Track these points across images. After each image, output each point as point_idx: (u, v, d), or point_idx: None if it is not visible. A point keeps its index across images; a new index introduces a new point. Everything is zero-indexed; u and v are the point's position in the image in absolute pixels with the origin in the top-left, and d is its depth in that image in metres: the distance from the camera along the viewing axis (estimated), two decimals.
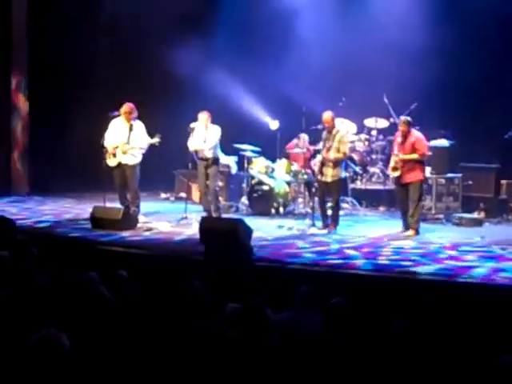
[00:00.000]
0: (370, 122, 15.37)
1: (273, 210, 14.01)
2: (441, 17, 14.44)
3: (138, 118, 12.93)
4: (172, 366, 5.52)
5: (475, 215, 13.46)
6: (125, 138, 12.78)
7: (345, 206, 14.15)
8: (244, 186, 14.84)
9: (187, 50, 15.94)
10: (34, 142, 16.78)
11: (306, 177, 14.02)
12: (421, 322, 6.38)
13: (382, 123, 15.30)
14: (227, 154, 14.31)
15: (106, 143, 12.84)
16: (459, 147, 14.20)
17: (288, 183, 14.38)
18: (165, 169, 16.10)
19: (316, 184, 12.65)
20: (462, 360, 6.01)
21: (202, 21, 16.19)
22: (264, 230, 12.22)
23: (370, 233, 12.18)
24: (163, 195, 16.55)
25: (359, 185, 15.08)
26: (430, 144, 13.15)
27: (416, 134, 12.26)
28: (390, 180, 14.83)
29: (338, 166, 12.26)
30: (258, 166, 14.36)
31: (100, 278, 7.62)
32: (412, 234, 12.08)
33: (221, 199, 13.97)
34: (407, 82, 14.13)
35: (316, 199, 12.76)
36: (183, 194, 15.47)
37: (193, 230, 11.77)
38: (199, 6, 16.42)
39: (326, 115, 12.31)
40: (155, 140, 12.79)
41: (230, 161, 14.86)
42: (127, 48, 16.95)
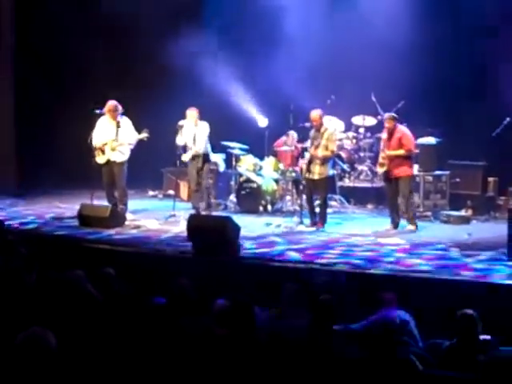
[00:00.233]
0: (357, 120, 15.37)
1: (261, 208, 14.02)
2: (429, 15, 14.45)
3: (125, 115, 12.92)
4: (159, 363, 5.51)
5: (463, 213, 13.48)
6: (113, 134, 12.79)
7: (333, 203, 14.15)
8: (232, 183, 14.84)
9: (175, 47, 15.93)
10: (22, 140, 16.72)
11: (293, 174, 14.03)
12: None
13: (370, 121, 15.30)
14: (215, 151, 14.29)
15: (94, 141, 12.82)
16: (447, 145, 14.22)
17: (276, 181, 14.39)
18: (153, 166, 16.07)
19: (303, 182, 12.65)
20: None
21: (190, 19, 16.13)
22: (252, 227, 12.22)
23: (357, 230, 12.20)
24: (151, 193, 16.52)
25: (347, 182, 15.09)
26: (417, 142, 13.21)
27: (402, 130, 12.29)
28: (377, 177, 14.89)
29: (325, 164, 12.26)
30: (246, 163, 14.37)
31: (87, 276, 7.62)
32: (413, 228, 12.22)
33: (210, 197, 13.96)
34: (395, 80, 14.15)
35: (304, 197, 12.76)
36: (171, 192, 15.48)
37: (181, 228, 11.76)
38: (188, 3, 16.38)
39: (315, 113, 12.31)
40: (143, 135, 12.80)
41: (218, 158, 14.85)
42: (116, 46, 16.90)
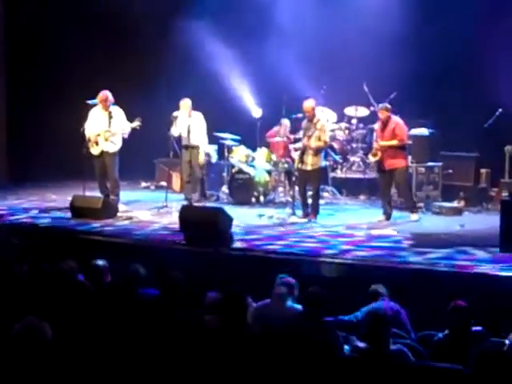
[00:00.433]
0: (350, 111, 15.36)
1: (253, 199, 14.00)
2: (419, 6, 14.44)
3: (117, 105, 12.90)
4: (152, 355, 5.52)
5: (455, 204, 13.49)
6: (105, 125, 12.77)
7: (325, 194, 14.17)
8: (224, 174, 14.82)
9: (167, 38, 15.91)
10: (12, 132, 16.67)
11: (286, 166, 14.03)
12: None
13: (362, 112, 15.30)
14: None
15: (87, 132, 12.80)
16: (439, 136, 14.23)
17: (268, 172, 14.38)
18: (145, 157, 16.05)
19: (296, 173, 12.64)
20: None
21: (183, 10, 16.11)
22: (244, 219, 12.21)
23: (350, 221, 12.22)
24: (143, 184, 16.50)
25: (339, 174, 15.08)
26: (410, 133, 13.20)
27: (396, 121, 12.30)
28: (370, 169, 14.90)
29: (318, 155, 12.25)
30: (239, 154, 14.36)
31: (79, 267, 7.62)
32: (416, 217, 12.33)
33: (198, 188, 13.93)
34: (387, 71, 14.13)
35: (296, 188, 12.75)
36: (163, 183, 15.47)
37: (173, 219, 11.74)
38: None
39: (307, 104, 12.29)
40: (136, 124, 12.78)
41: (210, 149, 14.82)
42: (107, 36, 16.84)
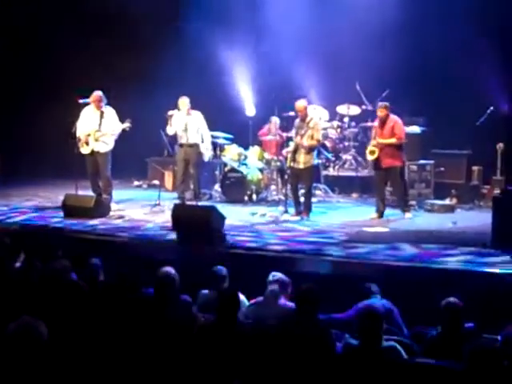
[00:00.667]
0: (342, 109, 15.39)
1: (246, 198, 14.01)
2: (413, 3, 14.45)
3: (109, 104, 12.90)
4: (146, 353, 5.53)
5: (447, 201, 13.53)
6: (96, 125, 12.77)
7: (317, 192, 14.19)
8: (217, 173, 14.83)
9: (160, 36, 15.91)
10: (2, 131, 16.63)
11: (278, 164, 14.04)
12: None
13: (355, 110, 15.33)
14: None
15: (78, 132, 12.80)
16: (431, 134, 14.28)
17: (261, 170, 14.39)
18: (137, 156, 16.05)
19: (288, 171, 12.65)
20: None
21: (179, 10, 16.16)
22: (237, 217, 12.22)
23: (343, 219, 12.26)
24: (136, 183, 16.50)
25: (332, 172, 15.11)
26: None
27: (395, 119, 12.38)
28: (362, 167, 14.95)
29: (310, 153, 12.26)
30: (231, 153, 14.36)
31: (72, 266, 7.62)
32: (410, 215, 12.40)
33: (192, 186, 13.92)
34: (379, 69, 14.17)
35: (288, 186, 12.77)
36: (156, 182, 15.46)
37: (165, 218, 11.74)
38: None
39: (299, 103, 12.30)
40: (126, 125, 12.78)
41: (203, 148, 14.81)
42: (100, 34, 16.82)
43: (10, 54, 16.78)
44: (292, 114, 12.78)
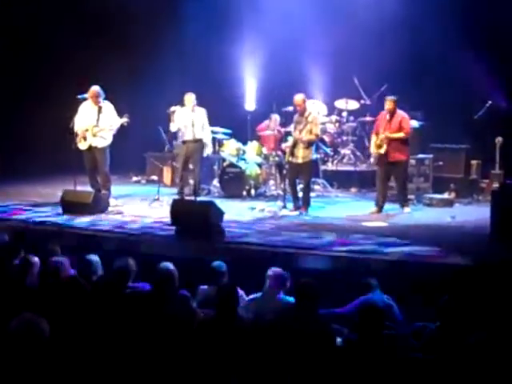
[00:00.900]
0: (340, 104, 15.38)
1: (244, 193, 14.01)
2: None
3: (107, 99, 12.88)
4: (145, 348, 5.53)
5: (446, 196, 13.53)
6: (94, 120, 12.74)
7: (316, 187, 14.18)
8: (215, 168, 14.82)
9: (159, 33, 15.90)
10: (0, 127, 16.61)
11: (277, 159, 14.02)
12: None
13: (353, 105, 15.33)
14: None
15: (76, 127, 12.77)
16: (429, 128, 14.27)
17: (259, 165, 14.38)
18: (136, 152, 16.02)
19: (287, 166, 12.63)
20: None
21: (177, 5, 16.15)
22: (235, 212, 12.22)
23: (341, 214, 12.26)
24: (134, 178, 16.46)
25: (330, 166, 15.11)
26: None
27: (402, 113, 12.42)
28: (361, 161, 14.97)
29: (309, 148, 12.25)
30: (229, 148, 14.35)
31: (71, 262, 7.62)
32: (409, 209, 12.43)
33: (191, 182, 13.93)
34: (377, 64, 14.18)
35: (287, 181, 12.75)
36: (154, 177, 15.48)
37: (164, 213, 11.73)
38: None
39: (298, 98, 12.29)
40: (123, 120, 12.75)
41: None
42: (99, 30, 16.78)
43: (9, 53, 16.71)
44: (291, 108, 12.77)
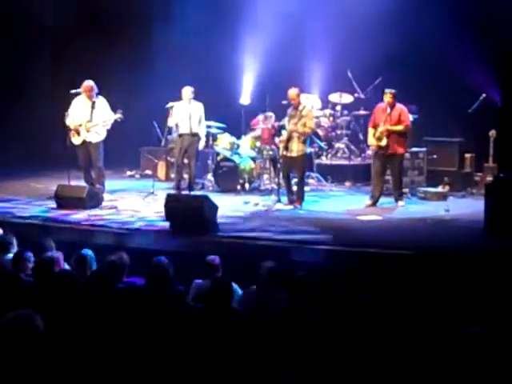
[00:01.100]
0: (334, 97, 15.38)
1: (238, 187, 14.00)
2: None
3: (101, 94, 12.86)
4: (140, 343, 5.53)
5: (440, 189, 13.55)
6: (87, 115, 12.73)
7: (310, 181, 14.18)
8: (209, 162, 14.82)
9: (153, 27, 15.89)
10: None
11: (271, 153, 14.01)
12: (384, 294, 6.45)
13: (347, 98, 15.33)
14: None
15: (70, 122, 12.76)
16: (423, 121, 14.25)
17: (253, 159, 14.37)
18: (130, 146, 16.00)
19: (281, 160, 12.62)
20: (425, 332, 6.08)
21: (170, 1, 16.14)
22: (230, 206, 12.22)
23: (336, 208, 12.27)
24: (128, 173, 16.44)
25: (324, 160, 15.11)
26: None
27: (401, 107, 12.44)
28: (355, 155, 14.98)
29: (303, 142, 12.26)
30: (223, 142, 14.33)
31: (65, 256, 7.61)
32: (403, 203, 12.47)
33: (185, 176, 13.93)
34: (371, 57, 14.17)
35: (281, 175, 12.74)
36: (149, 172, 15.49)
37: (158, 207, 11.72)
38: None
39: (292, 91, 12.29)
40: (117, 116, 12.74)
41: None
42: (93, 25, 16.75)
43: (3, 46, 16.65)
44: (285, 102, 12.76)
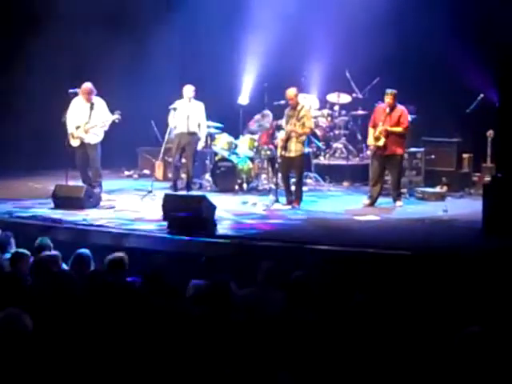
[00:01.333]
0: (332, 97, 15.38)
1: (236, 187, 14.00)
2: None
3: (99, 95, 12.86)
4: (136, 344, 5.52)
5: (438, 189, 13.56)
6: (86, 117, 12.73)
7: (308, 181, 14.18)
8: (207, 162, 14.82)
9: (150, 25, 15.86)
10: None
11: (269, 153, 13.99)
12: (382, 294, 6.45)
13: (345, 98, 15.33)
14: None
15: (68, 123, 12.77)
16: (421, 122, 14.25)
17: (251, 159, 14.36)
18: (127, 146, 15.98)
19: (279, 160, 12.62)
20: (423, 332, 6.08)
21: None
22: (228, 206, 12.22)
23: (334, 208, 12.28)
24: (126, 172, 16.43)
25: (322, 160, 15.11)
26: None
27: (401, 108, 12.47)
28: (353, 155, 14.98)
29: (301, 142, 12.26)
30: (221, 142, 14.30)
31: (63, 256, 7.60)
32: (401, 203, 12.49)
33: (183, 176, 13.94)
34: (369, 58, 14.18)
35: (279, 175, 12.74)
36: (147, 171, 15.50)
37: (156, 207, 11.71)
38: None
39: (290, 91, 12.29)
40: (115, 117, 12.75)
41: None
42: (91, 25, 16.71)
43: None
44: (283, 102, 12.76)
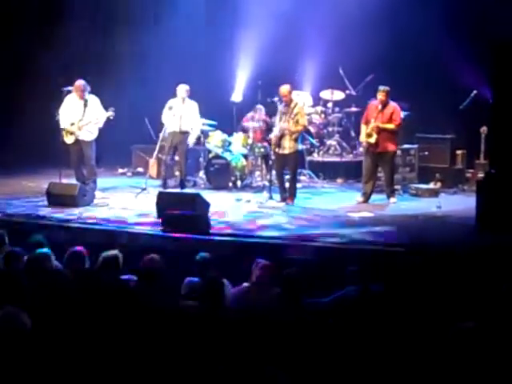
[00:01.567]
0: (325, 94, 15.39)
1: (230, 184, 14.00)
2: None
3: (92, 92, 12.84)
4: (131, 341, 5.52)
5: (431, 185, 13.58)
6: (80, 114, 12.70)
7: (302, 178, 14.18)
8: (201, 160, 14.81)
9: (142, 21, 15.86)
10: None
11: (262, 150, 14.00)
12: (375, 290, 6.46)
13: (338, 95, 15.34)
14: None
15: (62, 120, 12.74)
16: (415, 118, 14.27)
17: (245, 156, 14.36)
18: (121, 144, 15.96)
19: (273, 157, 12.62)
20: (417, 328, 6.09)
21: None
22: (222, 203, 12.21)
23: (327, 205, 12.29)
24: (120, 170, 16.41)
25: (316, 157, 15.12)
26: None
27: (394, 105, 12.48)
28: (346, 152, 14.98)
29: (295, 139, 12.27)
30: (215, 139, 14.30)
31: (56, 254, 7.59)
32: (395, 200, 12.51)
33: (177, 174, 13.94)
34: (362, 54, 14.17)
35: (273, 172, 12.74)
36: (140, 169, 15.48)
37: (150, 205, 11.70)
38: None
39: (284, 88, 12.28)
40: (109, 114, 12.73)
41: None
42: (84, 23, 16.71)
43: None
44: (276, 99, 12.76)
